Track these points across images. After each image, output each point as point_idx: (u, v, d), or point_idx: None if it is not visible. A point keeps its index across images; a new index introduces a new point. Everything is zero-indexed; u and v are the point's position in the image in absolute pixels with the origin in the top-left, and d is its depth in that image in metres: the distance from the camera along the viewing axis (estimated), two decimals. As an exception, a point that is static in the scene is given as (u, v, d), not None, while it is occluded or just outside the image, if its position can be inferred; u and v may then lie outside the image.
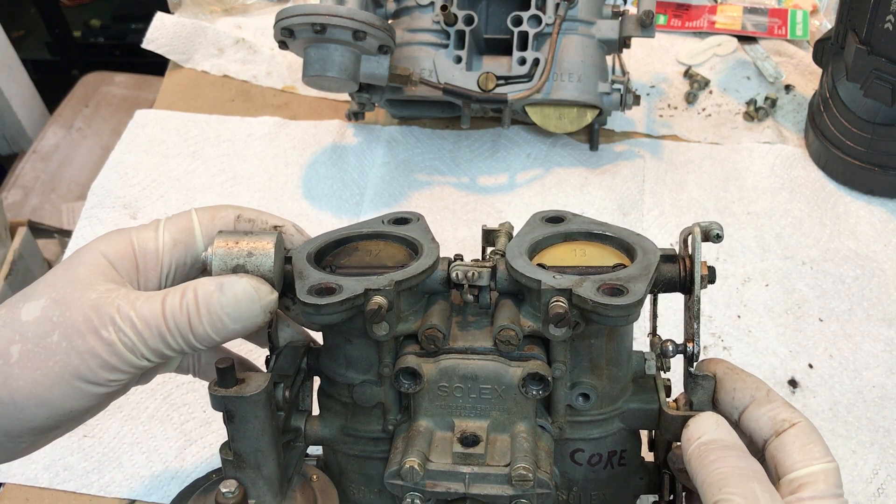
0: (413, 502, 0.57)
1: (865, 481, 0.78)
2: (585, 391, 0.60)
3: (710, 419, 0.57)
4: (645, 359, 0.63)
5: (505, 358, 0.58)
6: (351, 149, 1.12)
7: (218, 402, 0.56)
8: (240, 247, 0.59)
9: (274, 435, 0.58)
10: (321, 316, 0.57)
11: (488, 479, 0.56)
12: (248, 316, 0.57)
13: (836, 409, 0.83)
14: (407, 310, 0.60)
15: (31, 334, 0.55)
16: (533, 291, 0.58)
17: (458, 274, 0.59)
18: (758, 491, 0.52)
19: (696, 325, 0.59)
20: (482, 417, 0.59)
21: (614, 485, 0.64)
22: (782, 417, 0.57)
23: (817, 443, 0.55)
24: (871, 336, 0.89)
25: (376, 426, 0.62)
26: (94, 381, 0.55)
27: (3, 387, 0.54)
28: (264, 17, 1.33)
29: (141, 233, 0.60)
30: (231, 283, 0.57)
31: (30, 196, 1.65)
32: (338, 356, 0.62)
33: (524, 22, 1.00)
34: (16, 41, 2.01)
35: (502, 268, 0.60)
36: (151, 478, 0.81)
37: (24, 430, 0.56)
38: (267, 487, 0.58)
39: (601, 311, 0.54)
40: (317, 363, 0.64)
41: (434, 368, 0.58)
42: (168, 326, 0.56)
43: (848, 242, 0.97)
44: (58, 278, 0.58)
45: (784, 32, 1.23)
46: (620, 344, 0.60)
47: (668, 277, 0.60)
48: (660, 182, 1.05)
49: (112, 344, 0.55)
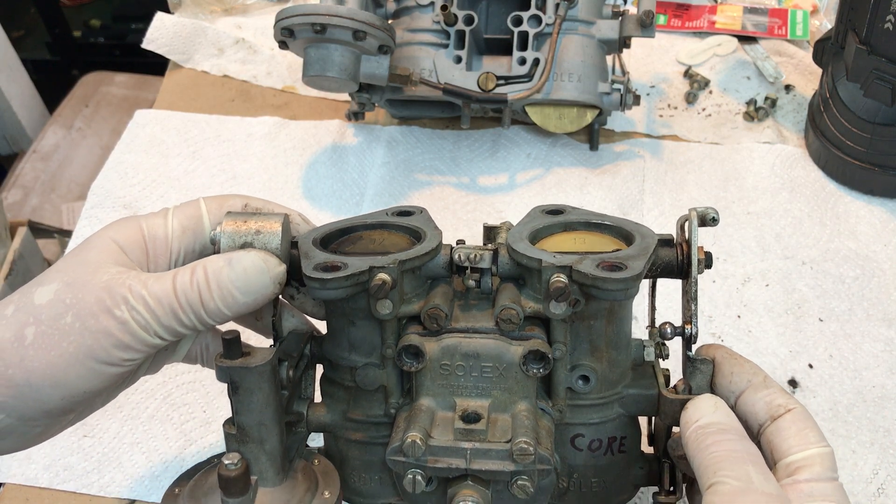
0: (415, 478, 0.57)
1: (865, 481, 0.78)
2: (585, 373, 0.60)
3: (708, 402, 0.58)
4: (644, 346, 0.63)
5: (506, 337, 0.59)
6: (351, 149, 1.12)
7: (223, 373, 0.57)
8: (248, 226, 0.61)
9: (277, 410, 0.58)
10: (327, 290, 0.58)
11: (489, 454, 0.56)
12: (258, 288, 0.59)
13: (836, 409, 0.83)
14: (410, 292, 0.61)
15: (44, 317, 0.56)
16: (534, 273, 0.59)
17: (461, 255, 0.61)
18: (752, 473, 0.52)
19: (694, 307, 0.60)
20: (483, 397, 0.59)
21: (614, 472, 0.64)
22: (778, 403, 0.57)
23: (812, 428, 0.56)
24: (871, 336, 0.89)
25: (378, 410, 0.63)
26: (108, 360, 0.56)
27: (19, 368, 0.55)
28: (264, 17, 1.33)
29: (150, 220, 0.61)
30: (239, 256, 0.58)
31: (30, 196, 1.65)
32: (341, 340, 0.63)
33: (524, 22, 1.00)
34: (16, 41, 2.01)
35: (503, 252, 0.61)
36: (151, 478, 0.81)
37: (40, 413, 0.57)
38: (269, 463, 0.59)
39: (601, 284, 0.55)
40: (320, 350, 0.65)
41: (436, 347, 0.59)
42: (180, 303, 0.57)
43: (848, 242, 0.97)
44: (69, 264, 0.58)
45: (784, 32, 1.23)
46: (620, 327, 0.61)
47: (666, 261, 0.61)
48: (660, 182, 1.05)
49: (125, 322, 0.55)
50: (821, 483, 0.54)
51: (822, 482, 0.54)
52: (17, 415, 0.57)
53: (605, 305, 0.59)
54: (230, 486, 0.54)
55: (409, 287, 0.61)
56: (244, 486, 0.55)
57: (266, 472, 0.59)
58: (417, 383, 0.60)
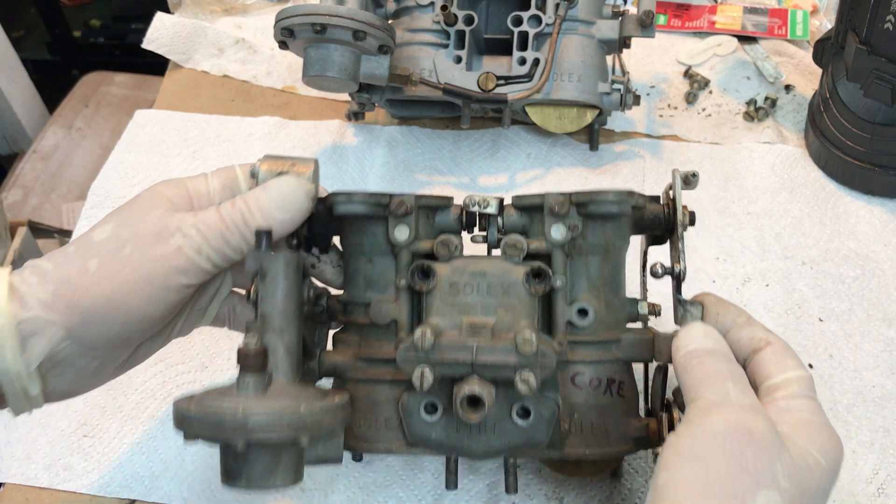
0: (423, 373, 0.61)
1: (865, 481, 0.78)
2: (583, 306, 0.66)
3: (698, 328, 0.61)
4: (638, 301, 0.69)
5: (511, 261, 0.66)
6: (351, 149, 1.12)
7: (254, 259, 0.63)
8: (283, 161, 0.69)
9: (298, 305, 0.64)
10: (351, 204, 0.67)
11: (495, 350, 0.61)
12: (294, 203, 0.66)
13: (836, 409, 0.83)
14: (424, 235, 0.68)
15: (104, 250, 0.62)
16: (536, 214, 0.67)
17: (469, 201, 0.68)
18: (730, 389, 0.55)
19: (681, 245, 0.66)
20: (488, 314, 0.64)
21: (614, 416, 0.66)
22: (760, 337, 0.61)
23: (792, 357, 0.59)
24: (871, 336, 0.89)
25: (389, 348, 0.67)
26: (165, 286, 0.62)
27: (85, 295, 0.61)
28: (264, 17, 1.33)
29: (192, 179, 0.68)
30: (274, 181, 0.67)
31: (30, 196, 1.65)
32: (358, 280, 0.69)
33: (524, 22, 1.00)
34: (16, 41, 2.01)
35: (509, 203, 0.69)
36: (151, 478, 0.81)
37: (101, 341, 0.63)
38: (286, 357, 0.62)
39: (596, 198, 0.65)
40: (336, 304, 0.70)
41: (447, 268, 0.66)
42: (227, 225, 0.63)
43: (848, 242, 0.97)
44: (122, 210, 0.66)
45: (784, 32, 1.23)
46: (615, 270, 0.68)
47: (655, 214, 0.69)
48: (660, 182, 1.05)
49: (179, 248, 0.62)
50: (797, 399, 0.57)
51: (798, 399, 0.57)
52: (80, 341, 0.62)
53: (601, 241, 0.66)
54: (248, 362, 0.58)
55: (423, 231, 0.68)
56: (262, 364, 0.59)
57: (282, 367, 0.62)
58: (427, 304, 0.65)
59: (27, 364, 0.61)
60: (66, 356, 0.62)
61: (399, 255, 0.67)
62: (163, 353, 0.75)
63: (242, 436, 0.56)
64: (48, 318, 0.60)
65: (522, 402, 0.64)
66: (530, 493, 0.78)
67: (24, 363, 0.60)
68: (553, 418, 0.65)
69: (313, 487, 0.79)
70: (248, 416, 0.56)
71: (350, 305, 0.70)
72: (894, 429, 0.82)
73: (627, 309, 0.69)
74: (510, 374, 0.61)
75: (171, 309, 0.64)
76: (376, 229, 0.68)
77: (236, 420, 0.56)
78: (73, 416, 0.86)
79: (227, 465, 0.59)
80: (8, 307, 0.60)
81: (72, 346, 0.62)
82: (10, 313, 0.60)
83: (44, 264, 0.62)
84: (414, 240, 0.67)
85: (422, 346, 0.61)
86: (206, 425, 0.56)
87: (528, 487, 0.78)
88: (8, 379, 0.61)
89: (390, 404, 0.67)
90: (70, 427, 0.85)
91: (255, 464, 0.58)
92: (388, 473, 0.80)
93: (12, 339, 0.59)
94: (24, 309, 0.60)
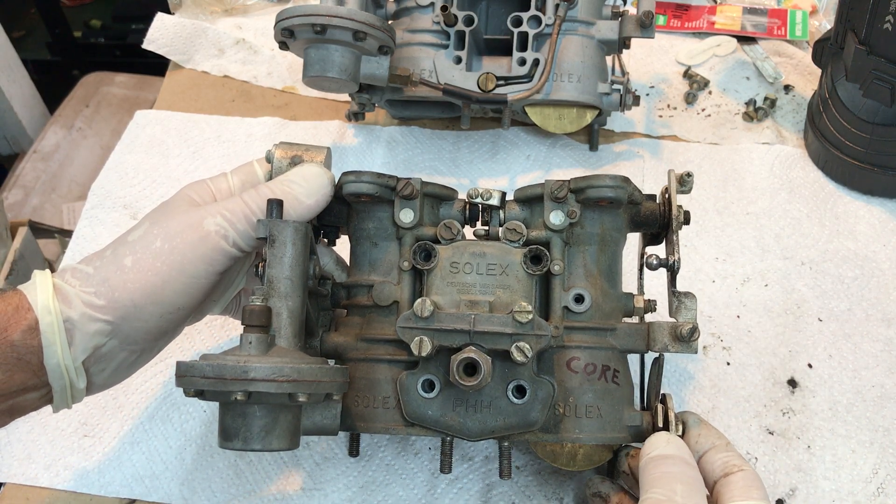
0: (421, 341, 0.63)
1: (865, 481, 0.78)
2: (580, 292, 0.68)
3: (661, 437, 0.64)
4: (633, 295, 0.71)
5: (510, 245, 0.68)
6: (351, 149, 1.13)
7: (264, 226, 0.65)
8: (298, 147, 0.72)
9: (304, 274, 0.66)
10: (360, 183, 0.69)
11: (492, 320, 0.63)
12: (319, 188, 0.69)
13: (836, 408, 0.83)
14: (427, 222, 0.70)
15: (138, 247, 0.66)
16: (536, 206, 0.69)
17: (473, 193, 0.70)
18: (678, 490, 0.58)
19: (676, 238, 0.69)
20: (487, 294, 0.67)
21: (609, 402, 0.68)
22: (733, 463, 0.63)
23: (759, 488, 0.61)
24: (871, 336, 0.89)
25: (390, 329, 0.69)
26: (195, 274, 0.66)
27: (124, 291, 0.64)
28: (265, 17, 1.33)
29: (214, 179, 0.72)
30: (298, 169, 0.70)
31: (30, 196, 1.66)
32: (363, 263, 0.71)
33: (524, 22, 1.00)
34: (16, 41, 2.02)
35: (510, 199, 0.71)
36: (151, 478, 0.81)
37: (141, 334, 0.66)
38: (289, 321, 0.64)
39: (594, 182, 0.67)
40: (340, 290, 0.73)
41: (448, 249, 0.68)
42: (252, 209, 0.67)
43: (847, 243, 0.97)
44: (153, 212, 0.69)
45: (783, 33, 1.23)
46: (612, 261, 0.70)
47: (651, 210, 0.71)
48: (659, 182, 1.05)
49: (207, 235, 0.66)
50: None
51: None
52: (122, 336, 0.65)
53: (598, 230, 0.69)
54: (252, 319, 0.60)
55: (427, 219, 0.70)
56: (265, 322, 0.61)
57: (284, 330, 0.64)
58: (428, 284, 0.68)
59: (75, 359, 0.64)
60: (109, 350, 0.66)
61: (403, 239, 0.70)
62: (163, 353, 0.75)
63: (242, 385, 0.57)
64: (92, 315, 0.64)
65: (518, 380, 0.65)
66: (530, 494, 0.78)
67: (72, 358, 0.64)
68: (548, 399, 0.65)
69: (313, 487, 0.80)
70: (249, 367, 0.57)
71: (354, 288, 0.72)
72: (894, 428, 0.82)
73: (623, 301, 0.71)
74: (507, 343, 0.63)
75: (201, 298, 0.68)
76: (382, 214, 0.70)
77: (237, 370, 0.57)
78: (73, 416, 0.86)
79: (225, 423, 0.60)
80: (56, 306, 0.63)
81: (114, 340, 0.66)
82: (57, 311, 0.63)
83: (83, 268, 0.66)
84: (418, 224, 0.69)
85: (421, 314, 0.63)
86: (208, 376, 0.58)
87: (527, 488, 0.78)
88: (58, 373, 0.64)
89: (389, 384, 0.68)
90: (70, 427, 0.85)
91: (253, 422, 0.59)
92: (388, 473, 0.80)
93: (61, 336, 0.63)
94: (69, 307, 0.64)
